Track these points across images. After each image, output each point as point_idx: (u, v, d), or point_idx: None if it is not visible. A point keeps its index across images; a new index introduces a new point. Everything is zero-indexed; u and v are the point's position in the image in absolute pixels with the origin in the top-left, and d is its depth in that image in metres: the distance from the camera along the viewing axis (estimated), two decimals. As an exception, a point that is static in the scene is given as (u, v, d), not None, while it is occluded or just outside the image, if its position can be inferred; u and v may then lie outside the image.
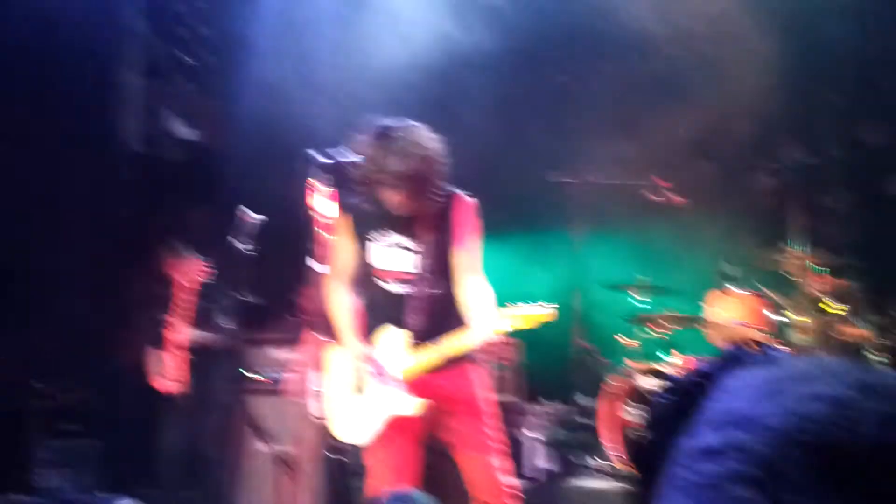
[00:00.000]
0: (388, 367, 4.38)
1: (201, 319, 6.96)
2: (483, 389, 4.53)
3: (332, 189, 4.27)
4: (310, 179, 4.25)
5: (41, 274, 7.59)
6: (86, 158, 7.99)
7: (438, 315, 4.41)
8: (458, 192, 4.52)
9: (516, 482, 4.51)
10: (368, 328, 4.45)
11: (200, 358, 6.89)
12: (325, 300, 4.58)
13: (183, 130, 8.66)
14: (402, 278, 4.47)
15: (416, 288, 4.43)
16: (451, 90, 7.95)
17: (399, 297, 4.44)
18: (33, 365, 7.41)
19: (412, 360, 4.38)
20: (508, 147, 8.16)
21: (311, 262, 4.49)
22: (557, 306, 4.20)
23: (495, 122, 8.16)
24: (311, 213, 4.35)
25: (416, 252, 4.46)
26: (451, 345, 4.31)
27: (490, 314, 4.24)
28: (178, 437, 6.79)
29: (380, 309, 4.41)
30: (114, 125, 8.51)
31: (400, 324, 4.41)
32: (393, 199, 4.38)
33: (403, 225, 4.50)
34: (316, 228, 4.37)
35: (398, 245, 4.50)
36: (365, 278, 4.56)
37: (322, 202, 4.25)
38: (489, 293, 4.34)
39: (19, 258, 7.52)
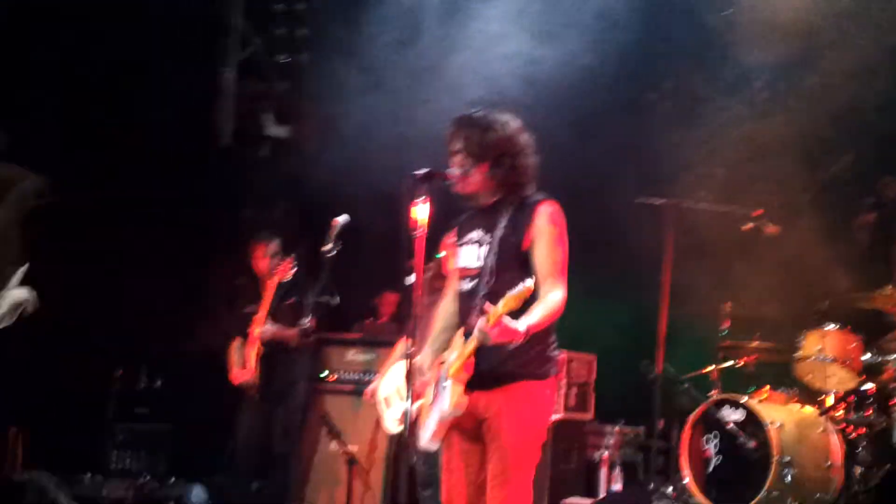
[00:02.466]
0: (443, 372, 4.28)
1: (284, 316, 6.98)
2: (521, 420, 4.18)
3: (425, 197, 4.20)
4: (407, 189, 4.20)
5: (132, 265, 7.70)
6: (180, 152, 8.10)
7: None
8: (545, 196, 4.41)
9: None
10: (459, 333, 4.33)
11: (280, 354, 6.90)
12: (415, 309, 4.51)
13: (275, 128, 8.72)
14: (469, 274, 4.36)
15: (480, 284, 4.31)
16: (537, 108, 7.88)
17: (469, 295, 4.34)
18: (117, 352, 7.52)
19: (454, 357, 4.26)
20: (597, 167, 8.05)
21: (405, 271, 4.48)
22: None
23: (584, 140, 8.06)
24: (406, 221, 4.30)
25: (484, 245, 4.35)
26: (468, 344, 4.17)
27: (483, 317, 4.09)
28: (251, 430, 6.81)
29: (461, 313, 4.31)
30: (208, 120, 8.61)
31: (466, 324, 4.30)
32: (475, 181, 4.31)
33: (483, 218, 4.42)
34: (410, 237, 4.33)
35: (473, 241, 4.41)
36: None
37: (417, 211, 4.20)
38: (553, 301, 4.15)
39: (112, 249, 7.64)
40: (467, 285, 4.29)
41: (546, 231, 4.20)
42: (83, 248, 7.53)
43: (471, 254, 4.33)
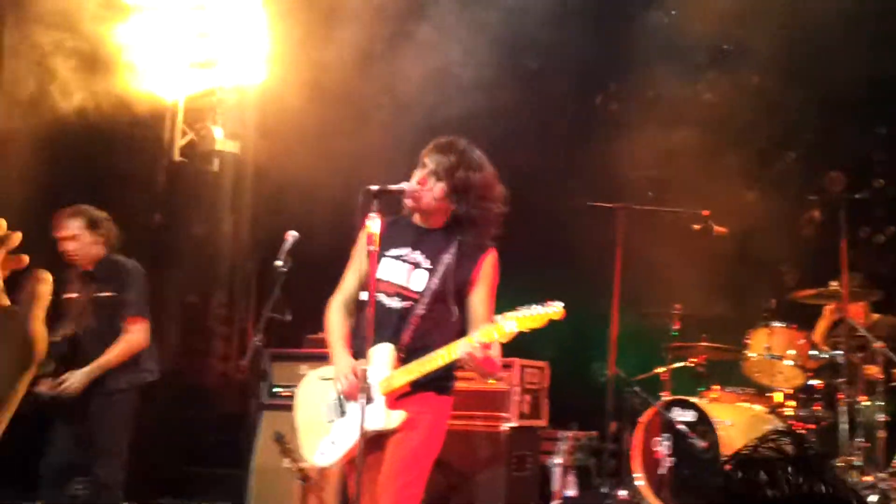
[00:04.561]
0: (372, 384, 4.30)
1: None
2: (432, 422, 4.37)
3: (377, 212, 4.22)
4: (360, 203, 4.22)
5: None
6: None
7: (431, 336, 4.33)
8: (491, 243, 4.47)
9: None
10: (370, 344, 4.34)
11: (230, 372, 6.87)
12: (325, 319, 4.57)
13: (225, 143, 8.68)
14: (404, 294, 4.40)
15: (415, 306, 4.36)
16: (485, 115, 7.92)
17: (397, 313, 4.38)
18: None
19: (396, 373, 4.31)
20: (550, 172, 8.10)
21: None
22: (563, 304, 4.06)
23: (533, 145, 8.11)
24: (360, 235, 4.33)
25: (427, 271, 4.39)
26: (438, 354, 4.22)
27: (486, 326, 4.15)
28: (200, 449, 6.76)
29: (377, 324, 4.32)
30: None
31: (393, 340, 4.35)
32: (430, 203, 4.34)
33: (421, 240, 4.46)
34: (360, 250, 4.36)
35: (411, 261, 4.44)
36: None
37: (370, 225, 4.21)
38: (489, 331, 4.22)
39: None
40: (395, 303, 4.34)
41: (489, 277, 4.35)
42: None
43: (398, 270, 4.37)
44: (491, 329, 4.07)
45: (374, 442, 4.26)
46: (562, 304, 4.01)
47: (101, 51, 7.70)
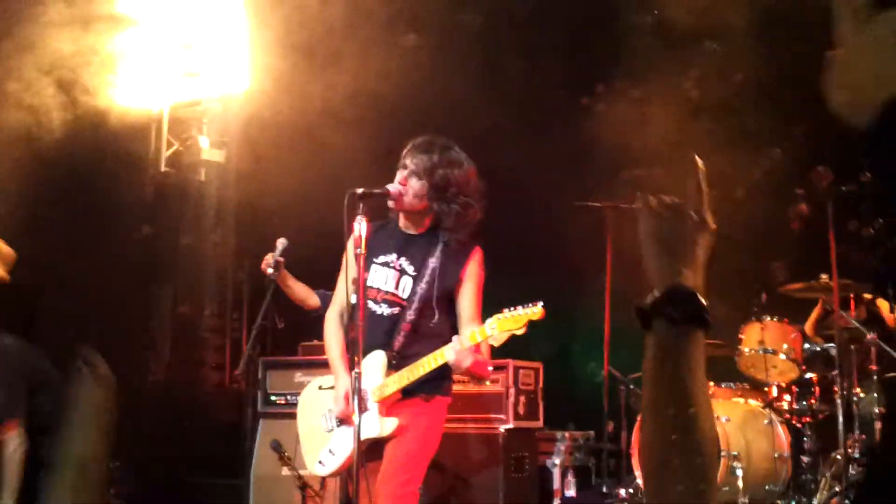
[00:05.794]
0: (365, 391, 4.31)
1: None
2: (426, 426, 4.40)
3: (363, 216, 4.22)
4: (346, 207, 4.22)
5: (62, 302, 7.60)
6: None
7: (423, 341, 4.35)
8: (475, 241, 4.48)
9: None
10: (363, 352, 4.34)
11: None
12: (325, 329, 4.59)
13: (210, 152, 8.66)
14: (393, 300, 4.41)
15: (405, 312, 4.38)
16: (474, 114, 7.93)
17: (388, 320, 4.40)
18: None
19: (388, 380, 4.33)
20: (534, 172, 8.11)
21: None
22: (542, 302, 4.07)
23: (522, 146, 8.12)
24: (347, 241, 4.33)
25: (413, 277, 4.41)
26: (427, 360, 4.24)
27: (470, 329, 4.17)
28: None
29: (368, 332, 4.33)
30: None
31: (384, 346, 4.37)
32: (413, 203, 4.35)
33: (406, 245, 4.47)
34: (349, 256, 4.37)
35: (397, 267, 4.45)
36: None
37: (358, 230, 4.22)
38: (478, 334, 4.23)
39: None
40: (385, 310, 4.37)
41: (475, 276, 4.38)
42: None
43: (386, 277, 4.40)
44: (474, 332, 4.09)
45: (370, 449, 4.27)
46: (541, 304, 4.04)
47: (85, 63, 7.66)
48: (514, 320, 4.07)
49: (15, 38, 7.52)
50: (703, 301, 1.55)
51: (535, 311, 4.07)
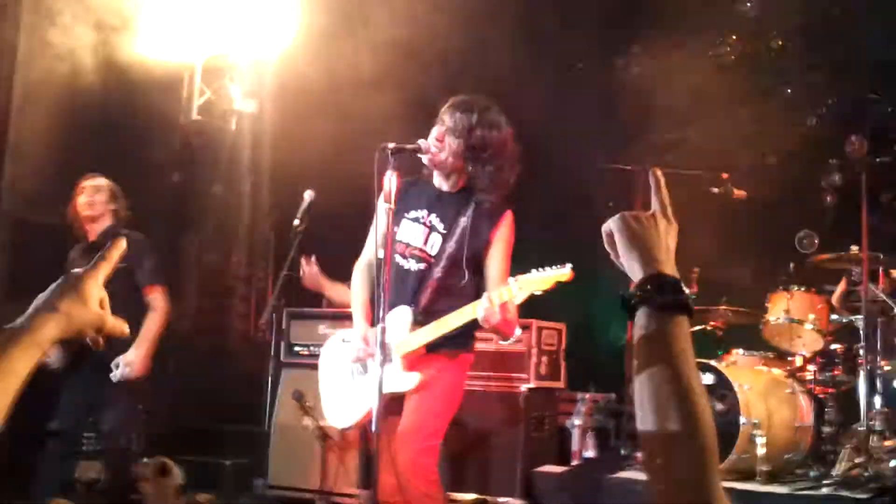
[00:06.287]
0: (389, 346, 4.32)
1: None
2: (449, 382, 4.42)
3: (395, 172, 4.21)
4: (377, 161, 4.21)
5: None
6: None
7: (449, 299, 4.35)
8: (506, 205, 4.47)
9: (435, 469, 4.37)
10: (387, 308, 4.34)
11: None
12: (351, 281, 4.61)
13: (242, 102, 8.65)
14: (422, 256, 4.42)
15: (432, 269, 4.38)
16: (511, 75, 7.87)
17: (415, 276, 4.40)
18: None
19: (412, 335, 4.34)
20: (566, 135, 8.06)
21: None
22: (571, 265, 4.06)
23: (552, 108, 8.06)
24: (378, 196, 4.31)
25: (442, 235, 4.41)
26: (454, 316, 4.24)
27: (500, 287, 4.17)
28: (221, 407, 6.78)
29: (395, 286, 4.34)
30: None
31: (410, 302, 4.37)
32: (446, 160, 4.34)
33: (438, 202, 4.46)
34: (379, 211, 4.37)
35: (428, 223, 4.45)
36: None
37: (387, 183, 4.21)
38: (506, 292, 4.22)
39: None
40: (413, 265, 4.38)
41: (505, 238, 4.38)
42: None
43: (416, 233, 4.41)
44: (504, 290, 4.09)
45: (391, 403, 4.29)
46: (570, 266, 4.03)
47: (118, 12, 7.66)
48: (543, 281, 4.08)
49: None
50: (685, 289, 1.61)
51: (564, 272, 4.07)
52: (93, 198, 6.16)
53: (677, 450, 1.45)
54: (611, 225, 1.73)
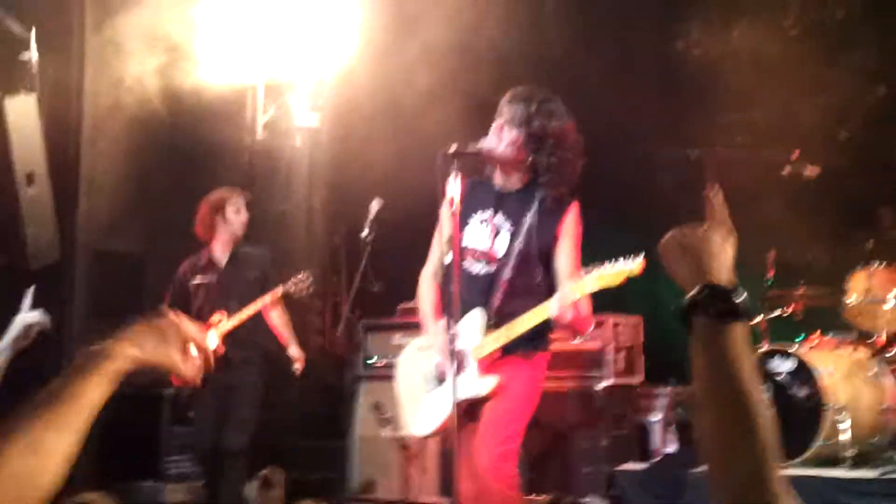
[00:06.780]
0: (464, 351, 4.31)
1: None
2: (526, 383, 4.37)
3: (459, 176, 4.21)
4: (438, 167, 4.22)
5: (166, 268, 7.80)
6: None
7: (521, 299, 4.30)
8: (573, 196, 4.42)
9: (515, 472, 4.33)
10: (459, 312, 4.33)
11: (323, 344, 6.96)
12: (419, 289, 4.61)
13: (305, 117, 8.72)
14: (490, 258, 4.39)
15: (502, 270, 4.35)
16: (572, 65, 7.82)
17: (485, 279, 4.37)
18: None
19: (488, 339, 4.31)
20: (637, 120, 7.96)
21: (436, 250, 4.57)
22: (644, 255, 4.00)
23: (618, 95, 7.97)
24: (443, 201, 4.32)
25: (510, 233, 4.37)
26: (528, 316, 4.21)
27: (570, 284, 4.12)
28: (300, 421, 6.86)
29: (466, 291, 4.32)
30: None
31: (483, 305, 4.35)
32: (508, 155, 4.32)
33: (501, 200, 4.43)
34: (444, 216, 4.37)
35: (493, 223, 4.42)
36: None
37: (452, 189, 4.21)
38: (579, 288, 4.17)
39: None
40: (481, 268, 4.35)
41: (573, 232, 4.32)
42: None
43: (482, 235, 4.37)
44: (574, 287, 4.06)
45: (470, 409, 4.29)
46: (640, 259, 3.97)
47: (179, 39, 7.80)
48: (615, 275, 4.03)
49: (118, 9, 7.69)
50: (740, 295, 1.64)
51: (634, 265, 4.01)
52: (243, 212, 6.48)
53: (736, 452, 1.50)
54: (663, 243, 1.77)
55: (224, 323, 6.18)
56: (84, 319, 7.40)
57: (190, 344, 1.75)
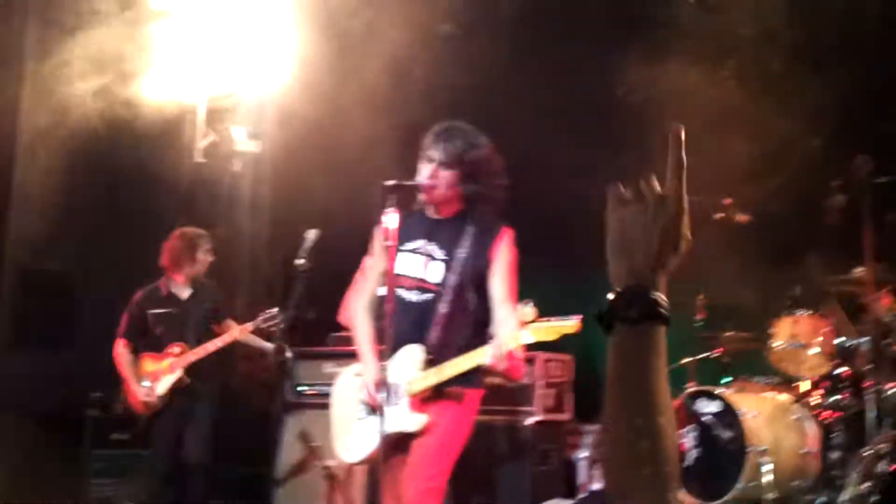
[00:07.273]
0: (397, 385, 4.31)
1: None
2: (456, 421, 4.40)
3: (394, 209, 4.24)
4: (378, 199, 4.25)
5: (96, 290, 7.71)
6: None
7: (457, 331, 4.33)
8: (504, 222, 4.47)
9: None
10: (393, 343, 4.33)
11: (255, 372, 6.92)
12: (350, 318, 4.60)
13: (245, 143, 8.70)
14: (423, 286, 4.40)
15: (437, 300, 4.36)
16: (507, 104, 7.89)
17: (419, 307, 4.38)
18: (90, 375, 7.49)
19: (422, 376, 4.32)
20: (570, 162, 8.05)
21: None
22: (582, 317, 4.06)
23: (555, 135, 8.07)
24: (377, 232, 4.35)
25: (443, 262, 4.40)
26: (463, 360, 4.23)
27: (509, 330, 4.16)
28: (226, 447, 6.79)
29: (401, 321, 4.33)
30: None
31: (419, 338, 4.35)
32: (443, 192, 4.35)
33: (435, 230, 4.46)
34: (377, 248, 4.40)
35: (426, 253, 4.44)
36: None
37: (387, 221, 4.24)
38: (516, 319, 4.22)
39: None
40: (415, 297, 4.35)
41: (506, 257, 4.35)
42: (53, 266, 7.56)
43: (416, 263, 4.39)
44: (510, 339, 4.09)
45: (399, 441, 4.28)
46: (579, 318, 4.02)
47: (120, 58, 7.75)
48: (550, 331, 4.09)
49: (58, 28, 7.63)
50: (661, 296, 1.57)
51: (571, 324, 4.07)
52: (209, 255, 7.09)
53: (639, 469, 1.44)
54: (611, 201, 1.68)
55: (187, 355, 6.67)
56: (7, 335, 7.27)
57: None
